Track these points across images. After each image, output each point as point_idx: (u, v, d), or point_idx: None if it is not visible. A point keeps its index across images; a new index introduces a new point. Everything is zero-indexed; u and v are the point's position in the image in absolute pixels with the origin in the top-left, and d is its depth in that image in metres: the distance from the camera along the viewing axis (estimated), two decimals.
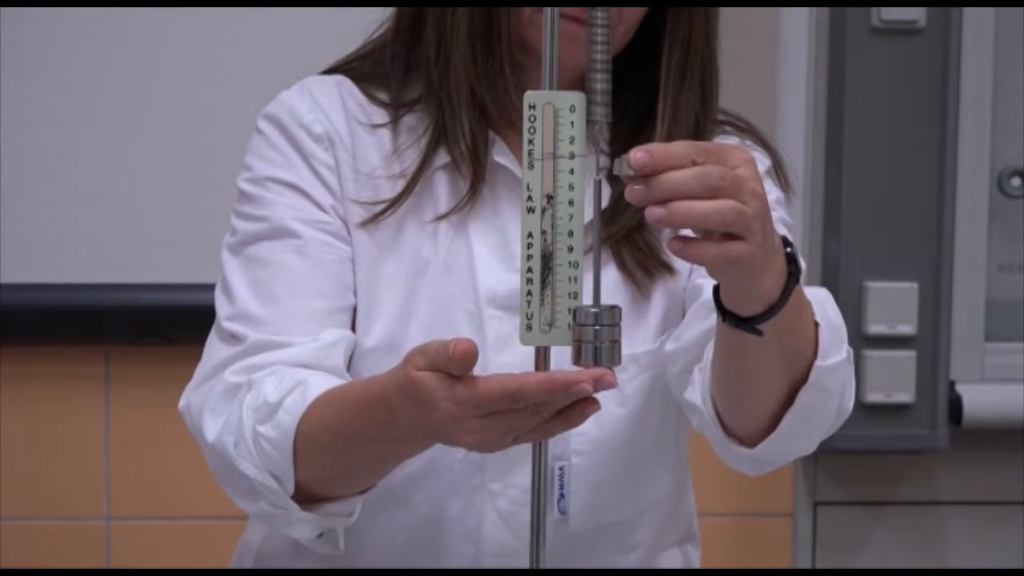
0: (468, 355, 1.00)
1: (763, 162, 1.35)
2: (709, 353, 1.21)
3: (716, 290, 1.09)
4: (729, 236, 1.01)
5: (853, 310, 2.16)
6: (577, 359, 1.00)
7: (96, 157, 2.06)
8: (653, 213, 0.99)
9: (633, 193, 0.99)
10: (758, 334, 1.08)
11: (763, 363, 1.12)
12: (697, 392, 1.23)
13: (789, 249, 1.07)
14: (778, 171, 1.36)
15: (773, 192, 1.34)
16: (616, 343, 1.00)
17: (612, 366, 1.00)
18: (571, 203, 1.01)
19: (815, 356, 1.15)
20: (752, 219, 1.01)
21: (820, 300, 1.17)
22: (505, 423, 1.02)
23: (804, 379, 1.15)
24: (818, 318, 1.15)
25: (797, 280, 1.08)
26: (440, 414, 1.02)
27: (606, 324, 0.99)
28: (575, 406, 1.02)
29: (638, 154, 0.98)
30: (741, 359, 1.13)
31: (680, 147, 1.00)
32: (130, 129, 2.06)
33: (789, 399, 1.16)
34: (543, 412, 1.01)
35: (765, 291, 1.07)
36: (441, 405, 1.02)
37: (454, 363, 1.00)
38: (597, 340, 0.99)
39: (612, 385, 0.99)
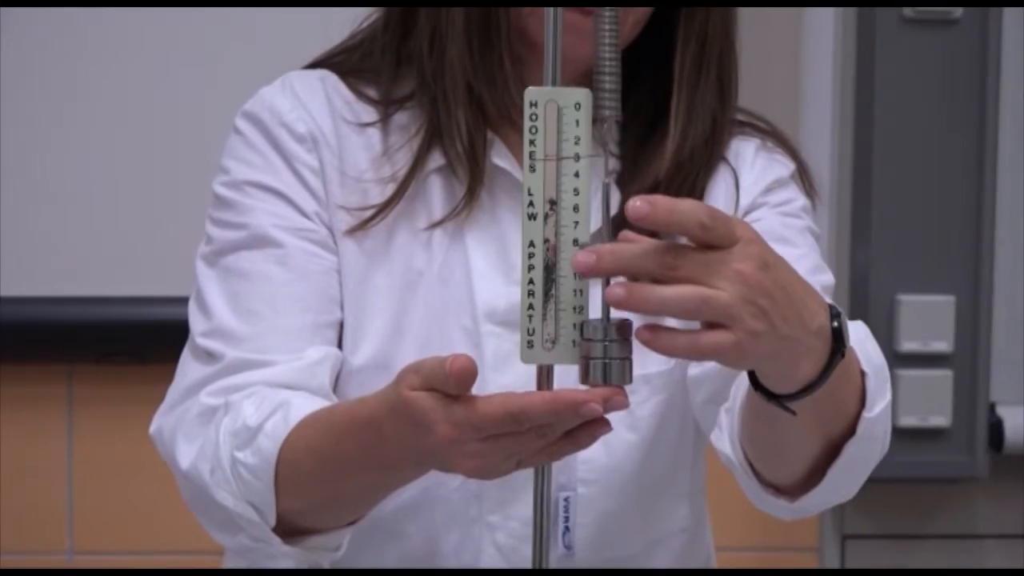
0: (466, 373, 0.99)
1: (787, 166, 1.36)
2: (737, 392, 1.20)
3: None
4: (712, 324, 0.98)
5: (884, 326, 2.16)
6: (585, 377, 1.00)
7: (59, 159, 2.07)
8: (612, 293, 0.96)
9: (579, 261, 0.97)
10: (791, 412, 1.07)
11: (797, 430, 1.11)
12: (725, 438, 1.22)
13: (836, 323, 1.04)
14: (802, 176, 1.37)
15: (798, 199, 1.35)
16: (627, 360, 0.99)
17: (623, 385, 0.99)
18: (576, 209, 1.00)
19: (861, 407, 1.14)
20: (729, 306, 0.96)
21: (860, 340, 1.15)
22: (507, 446, 1.01)
23: (847, 430, 1.14)
24: (864, 366, 1.13)
25: (842, 356, 1.05)
26: (436, 437, 1.02)
27: (616, 339, 0.99)
28: (584, 427, 1.01)
29: (637, 202, 0.95)
30: (771, 424, 1.12)
31: (689, 205, 0.96)
32: (97, 128, 2.07)
33: (830, 450, 1.16)
34: (548, 434, 1.01)
35: (800, 374, 1.05)
36: (437, 427, 1.01)
37: (451, 381, 1.00)
38: (606, 356, 0.99)
39: (624, 406, 0.99)
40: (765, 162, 1.35)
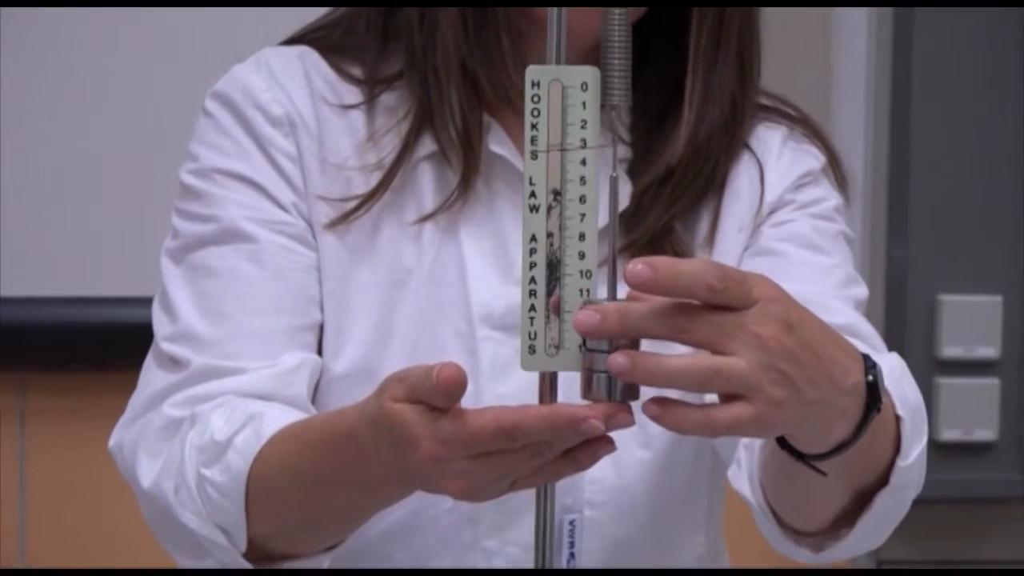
0: (455, 383, 0.99)
1: (817, 158, 1.36)
2: None
3: None
4: (730, 394, 0.98)
5: (924, 329, 2.16)
6: (587, 392, 0.99)
7: (9, 148, 2.06)
8: (614, 363, 0.96)
9: (580, 322, 0.96)
10: (821, 474, 1.08)
11: (824, 483, 1.11)
12: (744, 477, 1.22)
13: (871, 377, 1.05)
14: (834, 169, 1.37)
15: (830, 199, 1.35)
16: None
17: (629, 401, 0.98)
18: (583, 200, 1.00)
19: (895, 453, 1.14)
20: (746, 376, 0.96)
21: (896, 378, 1.15)
22: (499, 465, 1.01)
23: (879, 480, 1.15)
24: (899, 409, 1.14)
25: (878, 412, 1.06)
26: (421, 454, 1.01)
27: (622, 349, 0.98)
28: (585, 446, 1.00)
29: (638, 266, 0.95)
30: (796, 477, 1.11)
31: (695, 267, 0.96)
32: (52, 115, 2.07)
33: (860, 499, 1.16)
34: (545, 453, 1.00)
35: (831, 437, 1.05)
36: (422, 443, 1.01)
37: (438, 393, 0.99)
38: (611, 369, 0.97)
39: (629, 424, 0.98)
40: (793, 153, 1.35)
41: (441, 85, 1.28)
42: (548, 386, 1.02)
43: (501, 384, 1.27)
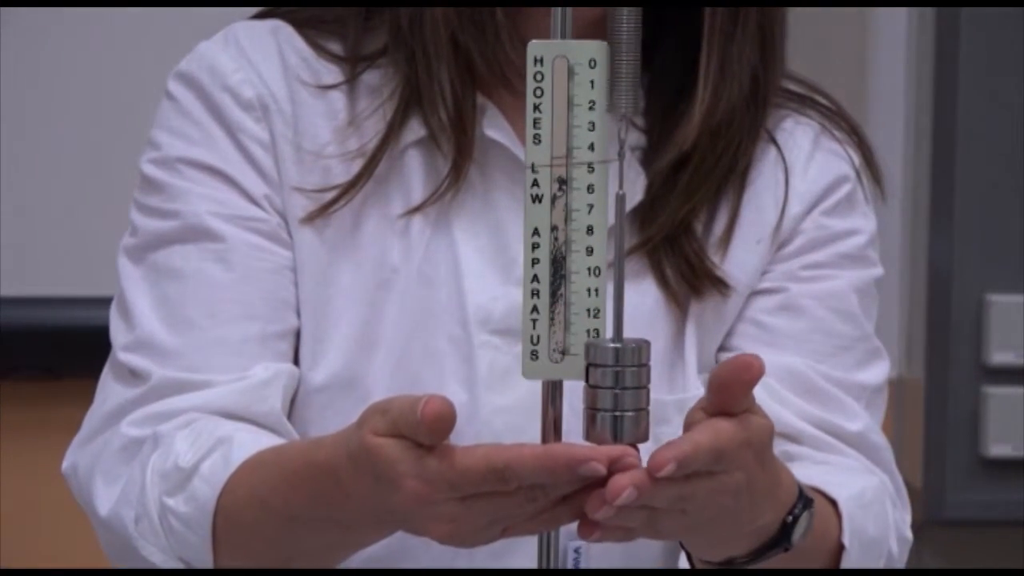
0: (442, 418, 0.99)
1: (849, 161, 1.35)
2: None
3: None
4: None
5: (970, 333, 2.18)
6: (590, 431, 0.99)
7: None
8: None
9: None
10: None
11: None
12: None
13: (790, 517, 1.11)
14: (871, 169, 1.36)
15: (864, 228, 1.34)
16: (643, 412, 0.99)
17: (637, 443, 0.98)
18: (591, 190, 0.99)
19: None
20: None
21: (863, 504, 1.22)
22: (489, 509, 1.01)
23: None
24: (846, 539, 1.20)
25: (785, 550, 1.11)
26: (403, 494, 1.01)
27: (630, 386, 0.98)
28: (585, 492, 0.99)
29: (667, 454, 0.98)
30: None
31: (702, 454, 1.00)
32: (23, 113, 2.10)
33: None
34: (540, 498, 1.00)
35: (718, 556, 1.12)
36: (405, 482, 1.01)
37: (423, 428, 0.99)
38: (617, 408, 0.98)
39: (636, 468, 0.98)
40: (824, 156, 1.34)
41: (430, 62, 1.28)
42: (550, 396, 1.01)
43: (500, 395, 1.27)
